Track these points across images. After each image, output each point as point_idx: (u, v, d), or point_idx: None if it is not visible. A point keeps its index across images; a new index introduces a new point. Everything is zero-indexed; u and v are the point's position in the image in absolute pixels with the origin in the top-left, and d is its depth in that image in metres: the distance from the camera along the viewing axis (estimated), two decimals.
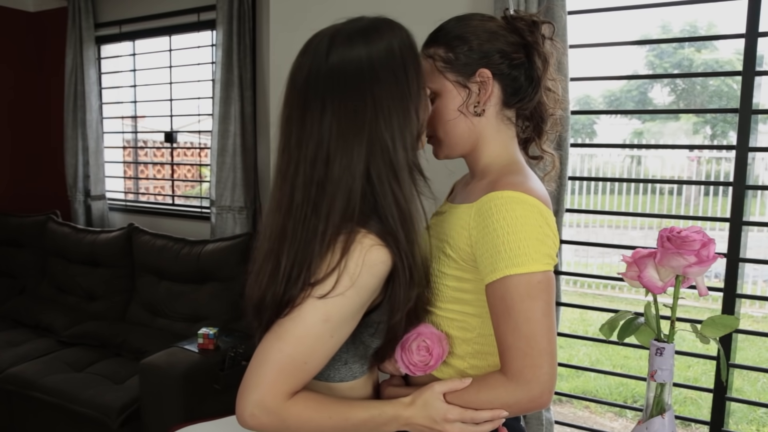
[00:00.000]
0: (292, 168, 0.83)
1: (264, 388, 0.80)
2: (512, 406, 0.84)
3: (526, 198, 0.84)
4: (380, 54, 0.80)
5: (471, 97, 0.94)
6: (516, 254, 0.81)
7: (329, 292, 0.79)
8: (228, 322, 2.42)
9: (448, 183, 1.15)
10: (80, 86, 3.14)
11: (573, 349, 4.31)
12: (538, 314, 0.81)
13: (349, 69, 0.80)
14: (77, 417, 2.10)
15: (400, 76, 0.81)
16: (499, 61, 0.94)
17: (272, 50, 2.14)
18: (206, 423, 1.51)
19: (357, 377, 0.95)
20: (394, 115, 0.80)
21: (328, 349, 0.83)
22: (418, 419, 0.86)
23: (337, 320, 0.81)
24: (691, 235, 0.85)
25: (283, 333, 0.81)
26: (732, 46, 9.25)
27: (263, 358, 0.81)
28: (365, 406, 0.87)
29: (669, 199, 7.15)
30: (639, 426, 0.92)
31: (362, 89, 0.79)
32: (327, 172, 0.80)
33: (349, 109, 0.79)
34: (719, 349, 0.97)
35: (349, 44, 0.81)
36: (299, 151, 0.82)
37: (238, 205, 2.67)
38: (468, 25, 0.96)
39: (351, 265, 0.79)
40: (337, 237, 0.80)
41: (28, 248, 3.15)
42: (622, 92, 9.58)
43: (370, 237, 0.80)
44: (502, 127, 0.97)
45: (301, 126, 0.82)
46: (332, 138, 0.79)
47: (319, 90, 0.81)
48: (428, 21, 1.00)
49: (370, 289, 0.82)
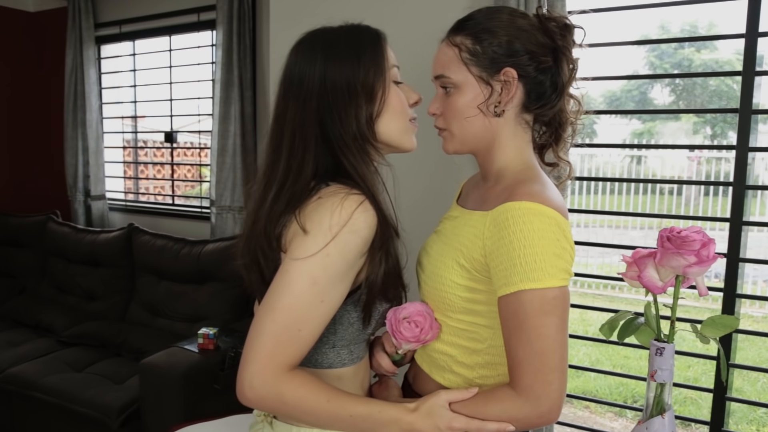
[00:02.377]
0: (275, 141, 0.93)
1: (262, 360, 0.80)
2: (520, 421, 0.82)
3: (544, 210, 0.81)
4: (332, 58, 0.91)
5: (493, 96, 0.90)
6: (532, 269, 0.79)
7: (312, 252, 0.80)
8: (228, 322, 2.41)
9: (448, 182, 1.15)
10: (80, 86, 3.14)
11: (573, 349, 4.31)
12: (552, 331, 0.79)
13: (300, 74, 0.93)
14: (77, 417, 2.10)
15: (347, 70, 0.89)
16: (526, 62, 0.90)
17: (272, 50, 2.14)
18: (206, 423, 1.51)
19: (346, 365, 0.95)
20: (339, 96, 0.89)
21: (321, 315, 0.83)
22: (421, 426, 0.84)
23: (325, 282, 0.81)
24: (691, 235, 0.85)
25: (275, 303, 0.81)
26: (732, 46, 9.25)
27: (258, 331, 0.81)
28: (366, 401, 0.86)
29: (669, 199, 7.15)
30: (639, 426, 0.92)
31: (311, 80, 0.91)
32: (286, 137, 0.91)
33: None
34: (719, 349, 0.97)
35: (311, 54, 0.93)
36: (279, 127, 0.93)
37: (238, 205, 2.67)
38: (498, 18, 0.91)
39: (333, 224, 0.81)
40: (313, 196, 0.86)
41: (28, 248, 3.15)
42: (622, 92, 9.58)
43: (352, 197, 0.83)
44: (518, 130, 0.94)
45: (283, 108, 0.94)
46: (292, 111, 0.92)
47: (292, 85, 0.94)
48: (427, 20, 0.99)
49: (353, 249, 0.83)
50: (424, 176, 1.79)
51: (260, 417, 1.02)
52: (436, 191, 1.16)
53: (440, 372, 0.98)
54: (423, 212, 1.31)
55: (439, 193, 1.16)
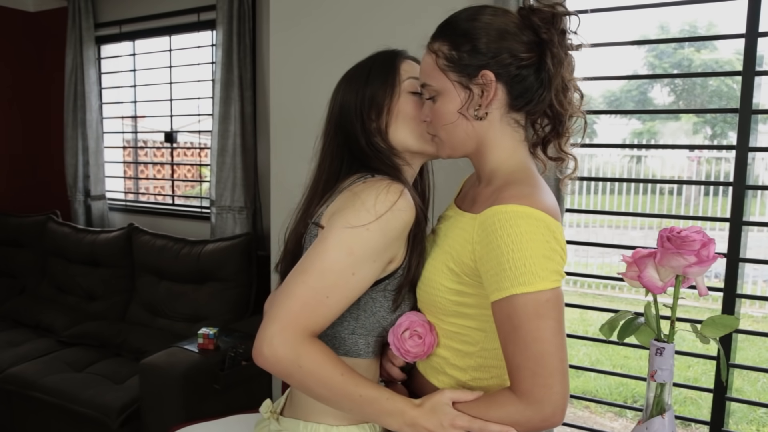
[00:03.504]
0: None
1: (286, 319, 0.81)
2: (523, 425, 0.81)
3: (531, 212, 0.80)
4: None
5: (472, 100, 0.89)
6: (522, 272, 0.78)
7: (354, 225, 0.84)
8: (228, 322, 2.41)
9: (447, 182, 1.15)
10: (80, 86, 3.14)
11: (573, 349, 4.31)
12: (548, 333, 0.78)
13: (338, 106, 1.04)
14: (77, 417, 2.10)
15: (360, 91, 1.00)
16: (506, 61, 0.87)
17: (272, 50, 2.14)
18: (206, 423, 1.51)
19: (361, 356, 0.96)
20: (351, 114, 1.01)
21: (350, 288, 0.85)
22: (424, 422, 0.84)
23: (360, 255, 0.84)
24: (691, 235, 0.85)
25: (308, 266, 0.84)
26: (732, 46, 9.25)
27: (288, 291, 0.83)
28: (377, 387, 0.87)
29: (669, 199, 7.15)
30: (639, 426, 0.92)
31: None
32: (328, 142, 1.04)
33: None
34: (719, 349, 0.97)
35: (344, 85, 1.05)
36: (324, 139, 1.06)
37: (238, 205, 2.67)
38: (477, 20, 0.89)
39: (378, 203, 0.86)
40: (358, 182, 0.93)
41: (28, 248, 3.15)
42: (622, 92, 9.58)
43: (396, 184, 0.89)
44: (508, 131, 0.91)
45: (323, 137, 1.08)
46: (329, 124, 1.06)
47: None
48: (427, 20, 0.99)
49: (394, 229, 0.87)
50: None
51: (267, 414, 1.02)
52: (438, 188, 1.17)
53: (435, 374, 0.98)
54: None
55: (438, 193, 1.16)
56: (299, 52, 2.07)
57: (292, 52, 2.09)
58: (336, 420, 0.94)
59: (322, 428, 0.94)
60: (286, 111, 2.11)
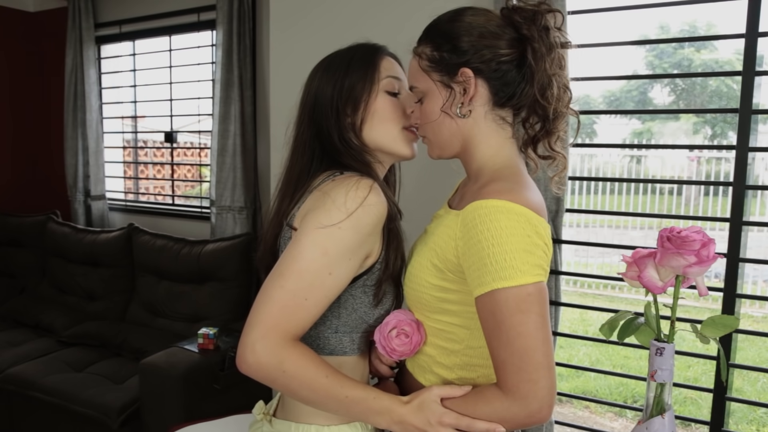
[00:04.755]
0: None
1: (267, 324, 0.82)
2: (509, 421, 0.81)
3: (511, 207, 0.80)
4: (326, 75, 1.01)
5: (455, 98, 0.90)
6: (502, 267, 0.78)
7: (325, 225, 0.84)
8: (228, 322, 2.42)
9: (446, 181, 1.15)
10: (80, 86, 3.14)
11: (573, 349, 4.31)
12: (531, 328, 0.77)
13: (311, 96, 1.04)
14: (77, 417, 2.10)
15: (338, 83, 0.99)
16: (486, 57, 0.88)
17: (272, 50, 2.14)
18: (206, 423, 1.52)
19: (347, 353, 0.96)
20: (326, 106, 1.00)
21: (328, 287, 0.85)
22: (412, 419, 0.85)
23: (335, 254, 0.84)
24: (691, 235, 0.85)
25: (284, 269, 0.84)
26: (732, 46, 9.26)
27: (266, 296, 0.83)
28: (362, 386, 0.87)
29: (669, 199, 7.16)
30: (639, 426, 0.92)
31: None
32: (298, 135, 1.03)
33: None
34: (719, 349, 0.97)
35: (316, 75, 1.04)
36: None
37: (238, 205, 2.67)
38: (459, 20, 0.91)
39: (348, 200, 0.86)
40: (327, 181, 0.92)
41: (28, 248, 3.15)
42: (622, 92, 9.59)
43: (364, 180, 0.89)
44: (493, 127, 0.92)
45: (297, 125, 1.07)
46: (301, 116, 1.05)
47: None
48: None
49: (366, 225, 0.87)
50: (421, 176, 1.79)
51: (260, 415, 1.02)
52: (434, 190, 1.17)
53: (422, 373, 0.98)
54: (419, 211, 1.31)
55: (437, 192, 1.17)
56: (299, 52, 2.07)
57: (292, 52, 2.09)
58: (327, 420, 0.94)
59: (313, 429, 0.94)
60: (286, 111, 2.11)
